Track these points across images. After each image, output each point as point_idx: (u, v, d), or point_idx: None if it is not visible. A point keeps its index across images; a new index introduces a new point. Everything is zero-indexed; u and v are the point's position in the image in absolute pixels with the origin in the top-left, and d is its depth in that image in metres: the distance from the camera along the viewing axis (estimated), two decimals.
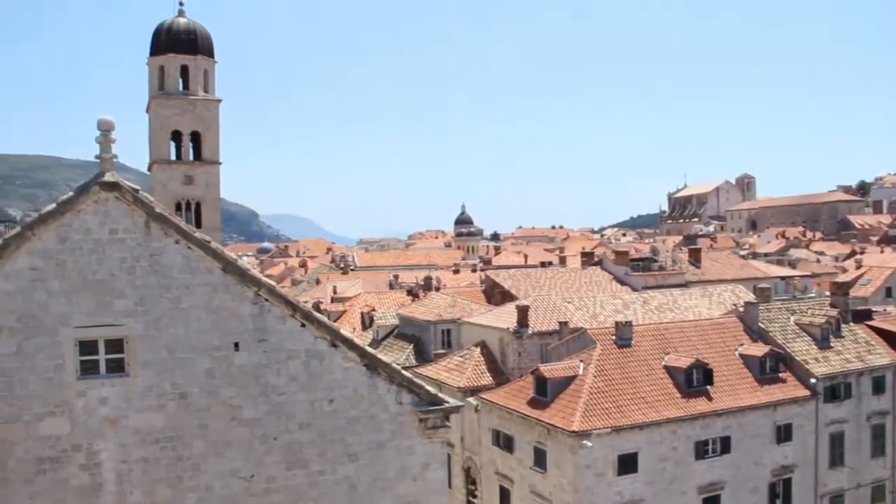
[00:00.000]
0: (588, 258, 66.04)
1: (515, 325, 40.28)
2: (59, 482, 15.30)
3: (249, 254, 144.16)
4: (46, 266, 15.13)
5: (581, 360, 33.98)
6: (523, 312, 40.55)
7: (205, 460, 16.05)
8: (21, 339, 14.98)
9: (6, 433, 15.03)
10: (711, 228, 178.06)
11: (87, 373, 15.46)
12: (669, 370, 34.02)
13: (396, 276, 77.64)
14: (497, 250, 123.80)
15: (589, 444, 29.89)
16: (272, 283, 16.92)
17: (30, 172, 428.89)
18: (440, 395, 18.08)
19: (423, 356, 46.15)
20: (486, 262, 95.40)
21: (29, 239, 15.05)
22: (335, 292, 67.68)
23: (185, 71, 52.04)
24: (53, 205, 15.34)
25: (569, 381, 33.04)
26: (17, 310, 14.95)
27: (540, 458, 32.32)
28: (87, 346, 15.42)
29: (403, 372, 17.79)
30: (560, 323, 39.96)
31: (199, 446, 16.01)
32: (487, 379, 39.59)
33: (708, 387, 33.78)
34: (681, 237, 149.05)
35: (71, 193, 15.48)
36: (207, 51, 53.03)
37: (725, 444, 33.43)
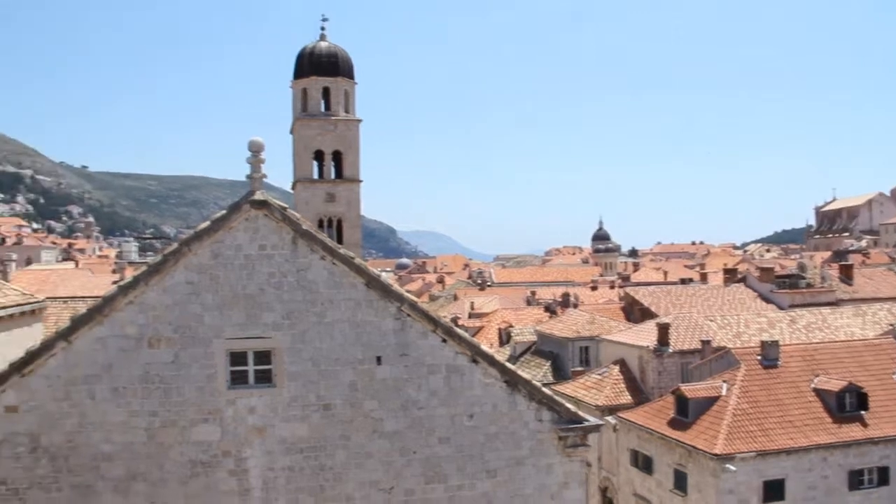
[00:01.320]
0: (731, 275, 63.94)
1: (655, 343, 39.47)
2: (210, 486, 15.99)
3: (388, 270, 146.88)
4: (201, 280, 15.92)
5: (724, 381, 32.92)
6: (664, 330, 39.69)
7: (346, 471, 16.40)
8: (178, 349, 15.82)
9: (164, 436, 15.88)
10: (864, 243, 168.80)
11: (237, 383, 16.11)
12: (819, 393, 32.46)
13: (533, 293, 77.37)
14: (636, 266, 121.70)
15: (732, 468, 28.90)
16: (414, 298, 17.16)
17: (182, 192, 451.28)
18: (580, 413, 17.86)
19: (560, 373, 45.79)
20: (625, 279, 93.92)
21: (185, 255, 15.90)
22: (472, 308, 68.08)
23: (326, 93, 53.50)
24: (207, 222, 16.12)
25: (711, 401, 32.09)
26: (174, 321, 15.81)
27: (680, 481, 31.49)
28: (238, 357, 16.07)
29: (543, 389, 17.66)
30: (702, 342, 38.88)
31: (341, 457, 16.37)
32: (626, 398, 38.93)
33: (862, 412, 31.99)
34: (829, 253, 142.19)
35: (224, 211, 16.19)
36: (348, 73, 54.39)
37: (883, 475, 31.48)
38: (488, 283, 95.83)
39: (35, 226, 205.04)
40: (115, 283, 52.80)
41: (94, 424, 15.80)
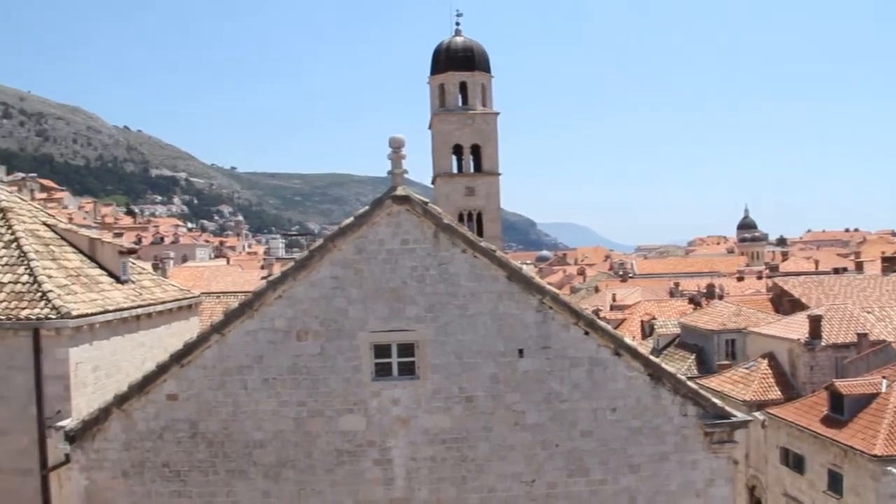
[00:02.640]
0: (890, 263, 60.56)
1: (807, 336, 37.84)
2: (355, 474, 16.42)
3: (528, 262, 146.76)
4: (346, 275, 16.34)
5: (884, 377, 31.24)
6: (816, 323, 37.99)
7: (488, 462, 16.48)
8: (324, 341, 16.32)
9: (312, 426, 16.42)
10: None
11: (381, 374, 16.45)
12: None
13: (677, 284, 75.67)
14: (784, 256, 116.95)
15: (895, 471, 27.42)
16: (556, 290, 17.07)
17: (325, 189, 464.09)
18: (726, 408, 17.33)
19: (705, 367, 44.62)
20: (773, 269, 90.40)
21: (331, 250, 16.36)
22: (614, 300, 67.21)
23: (463, 87, 53.87)
24: (351, 218, 16.51)
25: (869, 398, 30.51)
26: (321, 315, 16.31)
27: (835, 483, 30.11)
28: (382, 350, 16.42)
29: (688, 383, 17.23)
30: (858, 335, 37.05)
31: (483, 448, 16.46)
32: (775, 393, 37.54)
33: None
34: None
35: (366, 207, 16.55)
36: (484, 66, 54.56)
37: None
38: (630, 275, 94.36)
39: (190, 225, 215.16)
40: (263, 278, 54.79)
41: (247, 413, 16.51)
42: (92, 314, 18.18)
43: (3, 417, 17.62)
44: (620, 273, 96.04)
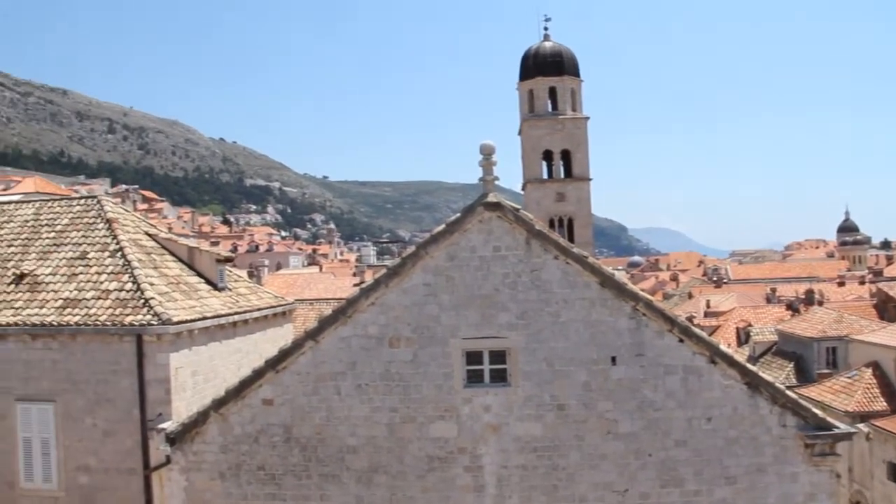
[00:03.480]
0: None
1: None
2: (446, 480, 16.44)
3: (620, 268, 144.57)
4: (438, 282, 16.42)
5: None
6: None
7: (580, 471, 16.30)
8: (416, 348, 16.41)
9: (403, 432, 16.53)
10: None
11: (473, 381, 16.44)
12: None
13: (773, 290, 73.53)
14: (889, 260, 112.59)
15: None
16: (649, 297, 16.81)
17: (416, 197, 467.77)
18: (828, 419, 16.75)
19: (804, 376, 43.27)
20: (877, 274, 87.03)
21: (423, 257, 16.46)
22: (708, 306, 65.81)
23: (552, 92, 53.61)
24: (443, 225, 16.58)
25: None
26: (413, 321, 16.42)
27: None
28: (473, 357, 16.41)
29: (787, 392, 16.73)
30: None
31: (574, 457, 16.29)
32: (880, 404, 36.06)
33: None
34: None
35: (458, 215, 16.59)
36: (573, 71, 54.19)
37: None
38: (724, 280, 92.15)
39: (283, 233, 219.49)
40: (355, 285, 55.38)
41: (340, 418, 16.73)
42: (191, 321, 18.70)
43: (109, 419, 18.29)
44: (714, 278, 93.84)
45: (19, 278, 20.42)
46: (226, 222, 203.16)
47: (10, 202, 26.07)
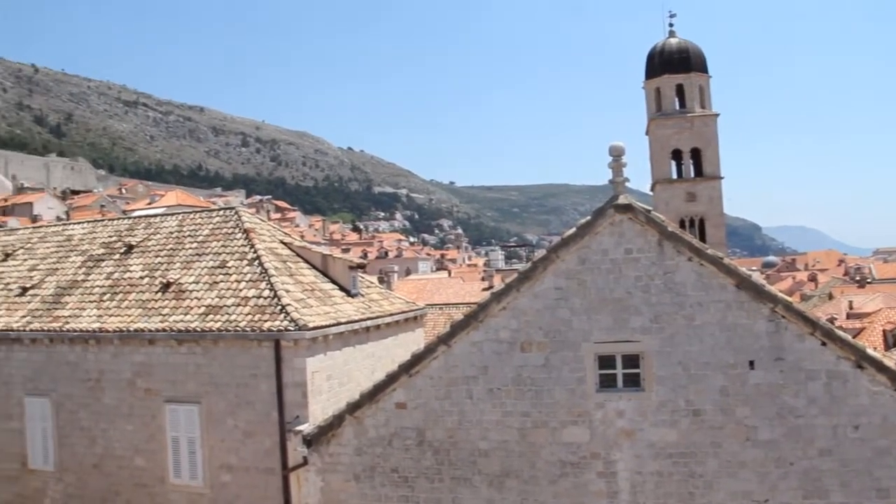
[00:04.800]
0: None
1: None
2: (578, 486, 16.25)
3: (754, 268, 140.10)
4: (569, 285, 16.27)
5: None
6: None
7: (717, 479, 15.81)
8: (548, 352, 16.31)
9: (535, 437, 16.45)
10: None
11: (605, 386, 16.19)
12: None
13: None
14: None
15: None
16: (788, 298, 16.18)
17: (542, 200, 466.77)
18: None
19: None
20: None
21: (553, 261, 16.35)
22: (851, 308, 62.90)
23: (680, 90, 52.50)
24: (574, 229, 16.43)
25: None
26: (544, 326, 16.33)
27: None
28: (606, 361, 16.16)
29: None
30: None
31: (711, 465, 15.82)
32: None
33: None
34: None
35: (588, 217, 16.41)
36: (700, 67, 52.89)
37: None
38: (868, 280, 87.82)
39: (411, 239, 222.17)
40: (485, 289, 55.57)
41: (472, 422, 16.80)
42: (326, 326, 19.20)
43: (250, 421, 18.97)
44: (857, 278, 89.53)
45: (165, 287, 21.46)
46: (355, 230, 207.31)
47: (155, 215, 27.44)
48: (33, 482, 22.31)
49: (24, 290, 24.21)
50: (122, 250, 24.27)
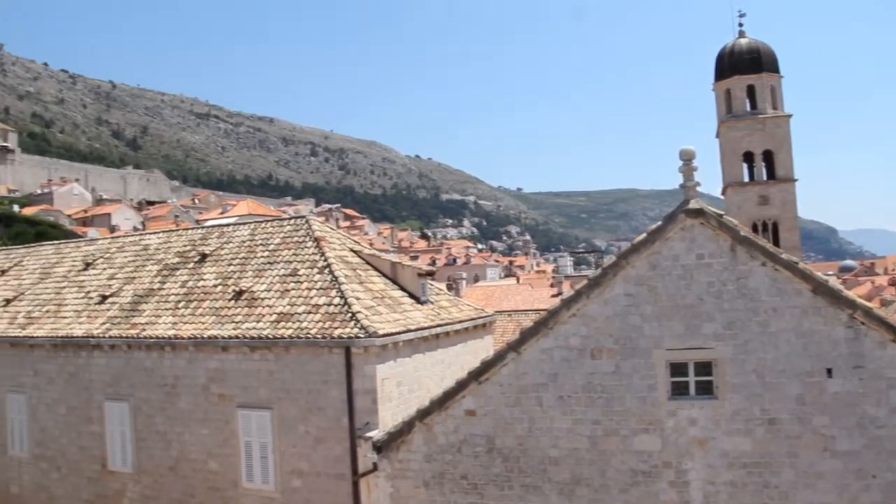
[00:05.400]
0: None
1: None
2: (649, 495, 16.03)
3: (830, 273, 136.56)
4: (639, 292, 16.10)
5: None
6: None
7: (794, 490, 15.40)
8: (619, 359, 16.16)
9: (606, 444, 16.30)
10: None
11: (677, 394, 15.96)
12: None
13: None
14: None
15: None
16: (867, 304, 15.71)
17: (611, 205, 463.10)
18: None
19: None
20: None
21: (624, 267, 16.20)
22: None
23: (751, 91, 51.48)
24: (644, 234, 16.26)
25: None
26: (615, 332, 16.19)
27: None
28: (677, 368, 15.92)
29: None
30: None
31: (788, 475, 15.43)
32: None
33: None
34: None
35: (659, 223, 16.22)
36: (772, 67, 51.69)
37: None
38: None
39: (480, 246, 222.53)
40: (553, 296, 55.30)
41: (542, 430, 16.73)
42: (396, 333, 19.29)
43: (321, 427, 19.15)
44: None
45: (238, 294, 21.82)
46: (424, 237, 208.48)
47: (228, 224, 27.97)
48: (113, 483, 22.92)
49: (104, 297, 24.90)
50: (196, 259, 24.80)
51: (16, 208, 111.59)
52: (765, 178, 50.76)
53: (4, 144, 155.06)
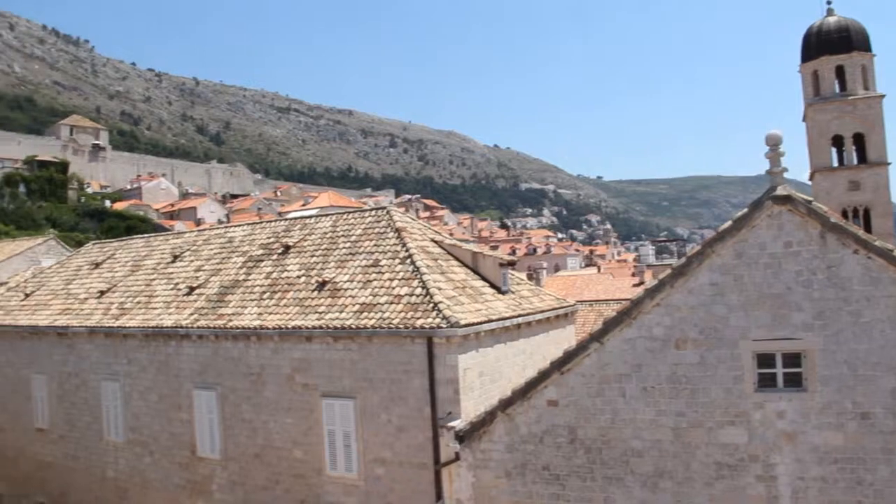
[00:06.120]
0: None
1: None
2: (736, 489, 15.69)
3: None
4: (725, 281, 15.75)
5: None
6: None
7: (889, 488, 14.81)
8: (703, 350, 15.85)
9: (690, 437, 16.03)
10: None
11: (764, 385, 15.59)
12: None
13: None
14: None
15: None
16: None
17: (693, 193, 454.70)
18: None
19: None
20: None
21: (709, 256, 15.88)
22: None
23: (840, 72, 49.78)
24: (729, 222, 15.91)
25: None
26: (699, 323, 15.88)
27: None
28: (765, 360, 15.55)
29: None
30: None
31: (883, 472, 14.86)
32: None
33: None
34: None
35: (745, 210, 15.85)
36: (863, 45, 49.82)
37: None
38: None
39: (560, 236, 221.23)
40: (635, 285, 54.62)
41: (625, 421, 16.55)
42: (478, 323, 19.30)
43: (403, 416, 19.31)
44: None
45: (321, 285, 22.12)
46: (503, 227, 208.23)
47: (310, 216, 28.36)
48: (202, 469, 23.56)
49: (191, 289, 25.54)
50: (279, 251, 25.23)
51: (107, 203, 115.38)
52: (855, 162, 49.16)
53: (96, 142, 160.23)
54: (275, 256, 25.11)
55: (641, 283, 53.26)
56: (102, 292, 28.76)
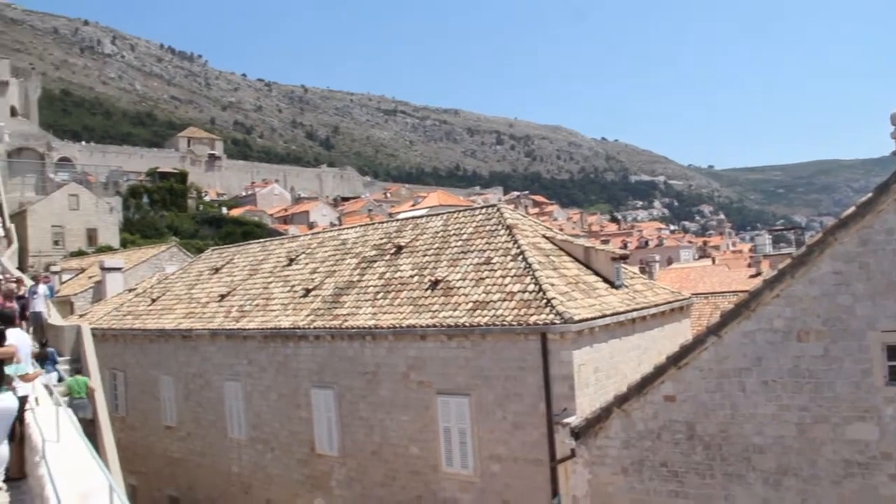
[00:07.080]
0: None
1: None
2: (867, 489, 14.99)
3: None
4: (849, 269, 15.11)
5: None
6: None
7: None
8: (827, 342, 15.24)
9: (816, 433, 15.44)
10: None
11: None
12: None
13: None
14: None
15: None
16: None
17: (810, 178, 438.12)
18: None
19: None
20: None
21: (831, 244, 15.25)
22: None
23: None
24: (852, 208, 15.26)
25: None
26: (822, 313, 15.28)
27: None
28: (895, 352, 14.92)
29: None
30: None
31: None
32: None
33: None
34: None
35: (869, 194, 15.18)
36: None
37: None
38: None
39: (672, 227, 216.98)
40: (752, 276, 53.02)
41: (745, 416, 16.12)
42: (591, 318, 19.16)
43: (518, 412, 19.33)
44: None
45: (434, 284, 22.34)
46: (613, 220, 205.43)
47: (420, 216, 28.68)
48: (321, 465, 24.15)
49: (307, 291, 26.18)
50: (391, 251, 25.61)
51: (224, 210, 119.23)
52: None
53: (212, 152, 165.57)
54: (387, 257, 25.49)
55: (758, 273, 51.63)
56: (223, 296, 29.79)
